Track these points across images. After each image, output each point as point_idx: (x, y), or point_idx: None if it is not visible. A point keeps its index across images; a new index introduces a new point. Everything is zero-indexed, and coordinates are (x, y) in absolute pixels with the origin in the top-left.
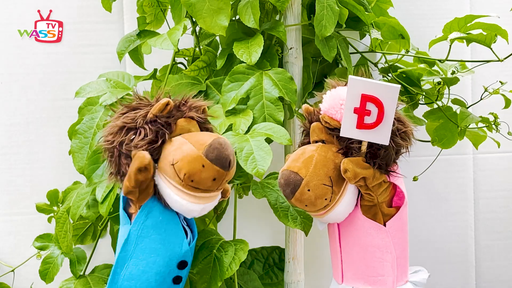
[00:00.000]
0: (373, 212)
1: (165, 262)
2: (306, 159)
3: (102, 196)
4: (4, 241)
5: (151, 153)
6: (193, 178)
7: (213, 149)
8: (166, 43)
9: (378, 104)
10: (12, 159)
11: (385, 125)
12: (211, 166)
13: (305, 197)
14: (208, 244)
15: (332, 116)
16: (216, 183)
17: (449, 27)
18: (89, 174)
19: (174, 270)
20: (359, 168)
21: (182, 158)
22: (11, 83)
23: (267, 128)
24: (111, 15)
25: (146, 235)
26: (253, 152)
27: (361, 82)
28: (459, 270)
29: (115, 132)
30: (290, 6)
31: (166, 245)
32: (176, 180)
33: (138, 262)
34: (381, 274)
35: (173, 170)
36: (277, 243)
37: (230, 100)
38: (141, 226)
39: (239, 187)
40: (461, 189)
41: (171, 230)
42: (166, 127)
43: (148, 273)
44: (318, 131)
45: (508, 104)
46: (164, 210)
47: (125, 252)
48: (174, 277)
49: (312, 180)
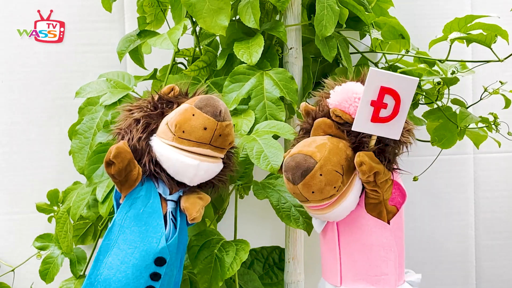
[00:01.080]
0: (378, 210)
1: (141, 256)
2: (320, 144)
3: (103, 196)
4: (4, 240)
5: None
6: (184, 128)
7: (203, 99)
8: (166, 43)
9: (396, 96)
10: (12, 158)
11: (399, 119)
12: (201, 115)
13: (315, 182)
14: (209, 244)
15: (344, 110)
16: (207, 133)
17: (449, 27)
18: (89, 174)
19: (151, 265)
20: (374, 162)
21: (175, 113)
22: (12, 82)
23: (270, 126)
24: (112, 14)
25: (127, 226)
26: (264, 150)
27: (382, 74)
28: (459, 270)
29: (123, 117)
30: (290, 6)
31: (143, 239)
32: (169, 137)
33: (119, 252)
34: (385, 273)
35: (167, 127)
36: (277, 243)
37: (232, 101)
38: (124, 216)
39: (240, 188)
40: (462, 189)
41: (151, 224)
42: (167, 104)
43: (126, 264)
44: (325, 127)
45: (508, 104)
46: (149, 202)
47: (108, 240)
48: (151, 273)
49: (326, 164)
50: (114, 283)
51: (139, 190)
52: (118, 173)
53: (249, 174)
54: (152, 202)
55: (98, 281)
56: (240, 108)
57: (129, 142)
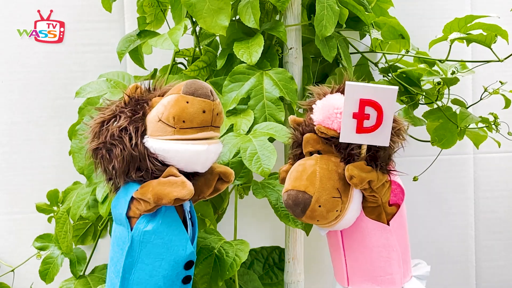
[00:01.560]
0: (377, 213)
1: (170, 265)
2: (309, 175)
3: (102, 197)
4: (4, 240)
5: (136, 125)
6: (183, 117)
7: (189, 84)
8: (167, 43)
9: (377, 107)
10: (12, 158)
11: (384, 127)
12: (195, 99)
13: (316, 214)
14: (209, 244)
15: (328, 126)
16: (207, 115)
17: (449, 27)
18: (89, 174)
19: (182, 272)
20: (364, 172)
21: (165, 107)
22: (12, 82)
23: (268, 127)
24: (112, 14)
25: (148, 241)
26: (257, 152)
27: (359, 87)
28: (459, 270)
29: (97, 131)
30: (290, 6)
31: (170, 249)
32: (168, 131)
33: (144, 267)
34: (389, 272)
35: (162, 123)
36: (277, 243)
37: (231, 101)
38: (142, 232)
39: (240, 188)
40: (461, 189)
41: (173, 232)
42: (143, 102)
43: (156, 277)
44: (313, 142)
45: (508, 104)
46: (166, 213)
47: (130, 258)
48: (183, 278)
49: (321, 195)
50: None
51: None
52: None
53: (248, 174)
54: (167, 212)
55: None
56: (239, 107)
57: (123, 152)
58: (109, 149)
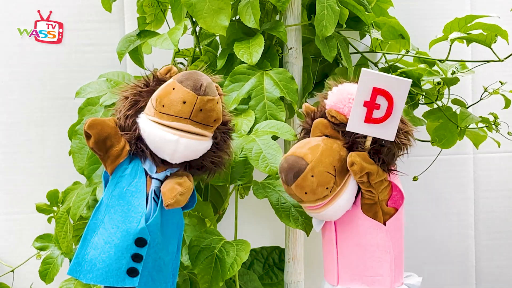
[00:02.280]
0: (374, 211)
1: (123, 236)
2: (313, 146)
3: None
4: (4, 240)
5: (137, 99)
6: (164, 102)
7: (185, 73)
8: (166, 43)
9: (388, 97)
10: (12, 158)
11: (392, 120)
12: (181, 88)
13: (307, 183)
14: (209, 244)
15: (339, 111)
16: (186, 107)
17: (449, 27)
18: (89, 174)
19: (132, 246)
20: (366, 162)
21: (159, 89)
22: (12, 82)
23: (270, 126)
24: (112, 14)
25: (112, 205)
26: (262, 151)
27: (374, 75)
28: (459, 270)
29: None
30: (290, 6)
31: (125, 218)
32: (151, 112)
33: (104, 232)
34: (380, 274)
35: (150, 102)
36: (277, 243)
37: (232, 101)
38: (110, 195)
39: (240, 188)
40: (461, 189)
41: (133, 203)
42: (160, 81)
43: (110, 244)
44: (322, 127)
45: (508, 104)
46: (132, 182)
47: (95, 219)
48: (132, 254)
49: (317, 166)
50: (99, 263)
51: (125, 168)
52: (97, 146)
53: (249, 174)
54: (137, 181)
55: (84, 260)
56: (240, 108)
57: (118, 120)
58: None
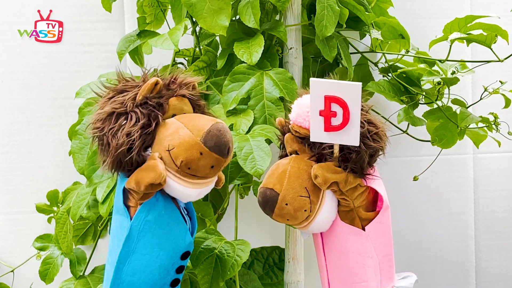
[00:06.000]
0: (350, 217)
1: (168, 255)
2: (280, 173)
3: (103, 197)
4: (4, 240)
5: (145, 138)
6: (190, 165)
7: (211, 136)
8: (167, 43)
9: (342, 104)
10: (12, 158)
11: (352, 125)
12: (210, 154)
13: (284, 212)
14: (209, 245)
15: (300, 125)
16: (214, 170)
17: (450, 27)
18: (89, 174)
19: (178, 261)
20: (330, 173)
21: (179, 144)
22: (12, 82)
23: (266, 130)
24: (112, 14)
25: (148, 230)
26: (253, 152)
27: (323, 83)
28: (459, 270)
29: (104, 118)
30: (290, 6)
31: (169, 239)
32: (172, 167)
33: (141, 257)
34: (364, 279)
35: (169, 156)
36: (277, 243)
37: (231, 100)
38: (143, 221)
39: (240, 187)
40: (461, 189)
41: (173, 223)
42: (158, 108)
43: (152, 267)
44: (290, 142)
45: (508, 104)
46: (165, 204)
47: (127, 248)
48: (177, 267)
49: (287, 193)
50: (140, 285)
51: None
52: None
53: (249, 174)
54: (166, 203)
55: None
56: (239, 107)
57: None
58: (108, 142)
